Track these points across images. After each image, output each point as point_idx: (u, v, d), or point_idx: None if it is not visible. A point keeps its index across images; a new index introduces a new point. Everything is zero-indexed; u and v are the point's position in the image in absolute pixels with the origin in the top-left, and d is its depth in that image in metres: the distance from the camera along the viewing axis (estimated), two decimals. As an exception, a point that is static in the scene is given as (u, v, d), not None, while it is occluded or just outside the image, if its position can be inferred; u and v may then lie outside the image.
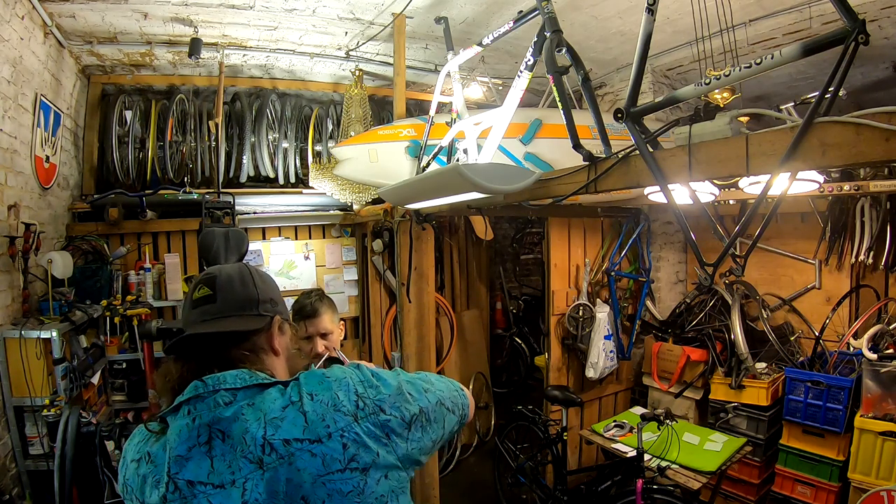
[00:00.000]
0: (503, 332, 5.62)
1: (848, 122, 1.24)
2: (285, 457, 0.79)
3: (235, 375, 0.87)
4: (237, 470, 0.78)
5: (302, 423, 0.81)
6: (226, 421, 0.81)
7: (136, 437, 0.91)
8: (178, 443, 0.81)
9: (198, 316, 0.95)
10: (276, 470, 0.78)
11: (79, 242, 3.38)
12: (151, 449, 0.85)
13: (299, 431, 0.80)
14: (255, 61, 3.90)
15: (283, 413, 0.82)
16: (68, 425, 2.40)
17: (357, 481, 0.81)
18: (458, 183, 2.05)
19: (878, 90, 3.67)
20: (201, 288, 0.97)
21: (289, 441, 0.79)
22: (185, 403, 0.84)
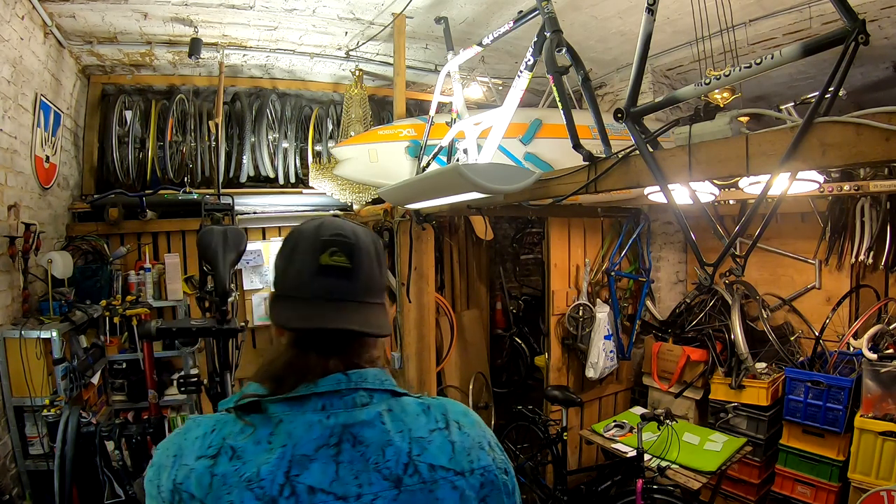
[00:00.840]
0: (503, 332, 5.61)
1: (848, 122, 1.24)
2: (428, 483, 0.71)
3: (375, 375, 0.77)
4: (366, 483, 0.69)
5: (449, 452, 0.74)
6: (360, 425, 0.72)
7: (193, 430, 0.73)
8: (306, 440, 0.70)
9: (327, 290, 0.77)
10: (414, 494, 0.70)
11: (79, 242, 3.38)
12: (237, 443, 0.70)
13: (446, 459, 0.74)
14: (255, 61, 3.90)
15: (431, 436, 0.75)
16: (68, 425, 2.40)
17: None
18: (458, 183, 2.05)
19: (878, 90, 3.67)
20: (336, 253, 0.77)
21: (435, 467, 0.72)
22: (319, 396, 0.72)
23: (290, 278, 0.79)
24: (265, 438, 0.70)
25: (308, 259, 0.77)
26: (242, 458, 0.69)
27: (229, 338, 2.28)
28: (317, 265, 0.76)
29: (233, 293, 2.45)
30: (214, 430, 0.72)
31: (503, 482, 0.78)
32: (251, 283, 4.14)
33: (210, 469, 0.68)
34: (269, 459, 0.68)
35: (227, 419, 0.74)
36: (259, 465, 0.68)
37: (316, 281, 0.77)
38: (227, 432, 0.72)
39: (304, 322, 0.76)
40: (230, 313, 2.35)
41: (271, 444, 0.70)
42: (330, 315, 0.75)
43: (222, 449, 0.70)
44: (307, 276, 0.77)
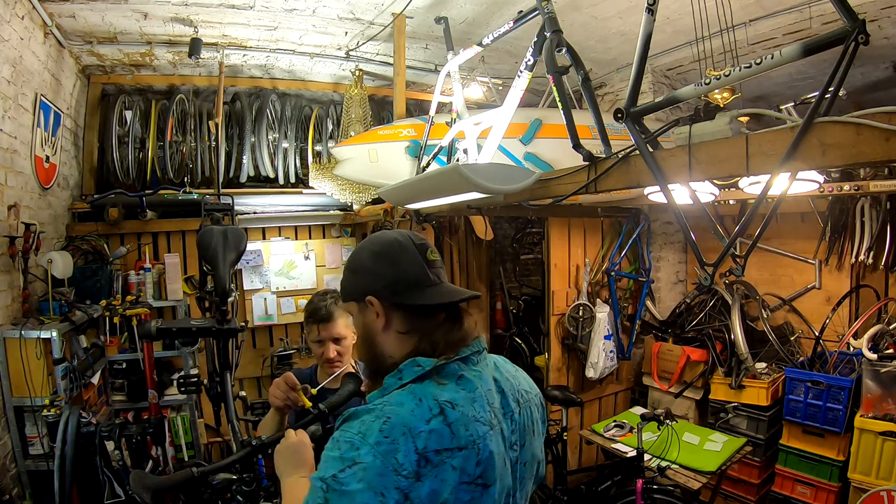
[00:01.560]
0: (503, 332, 5.61)
1: (848, 122, 1.24)
2: (527, 401, 1.06)
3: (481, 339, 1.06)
4: (506, 405, 1.01)
5: (528, 384, 1.11)
6: (492, 370, 1.04)
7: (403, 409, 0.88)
8: (483, 381, 0.98)
9: (437, 276, 1.03)
10: (525, 408, 1.05)
11: (79, 242, 3.38)
12: (447, 397, 0.90)
13: (528, 387, 1.10)
14: (255, 61, 3.90)
15: (517, 374, 1.11)
16: (68, 425, 2.40)
17: (541, 429, 1.10)
18: (458, 183, 2.05)
19: (878, 90, 3.67)
20: (433, 252, 1.05)
21: (527, 391, 1.08)
22: (474, 355, 1.00)
23: (408, 276, 1.00)
24: (459, 389, 0.94)
25: (417, 259, 1.01)
26: (460, 405, 0.90)
27: (229, 338, 2.28)
28: (426, 261, 1.02)
29: (233, 293, 2.45)
30: (421, 399, 0.89)
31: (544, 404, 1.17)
32: (251, 283, 4.15)
33: (444, 422, 0.87)
34: (475, 399, 0.94)
35: (416, 389, 0.92)
36: (471, 403, 0.92)
37: (430, 272, 1.01)
38: (433, 395, 0.90)
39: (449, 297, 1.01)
40: (230, 313, 2.35)
41: (465, 389, 0.94)
42: (455, 291, 1.04)
43: (442, 406, 0.89)
44: (422, 270, 1.01)
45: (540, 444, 1.10)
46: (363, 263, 1.04)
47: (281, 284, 4.22)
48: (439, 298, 1.00)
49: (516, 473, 0.99)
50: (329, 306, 1.73)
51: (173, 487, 1.29)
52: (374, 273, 1.01)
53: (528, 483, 1.06)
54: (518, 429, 1.01)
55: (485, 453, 0.89)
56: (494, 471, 0.91)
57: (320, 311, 1.72)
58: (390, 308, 0.99)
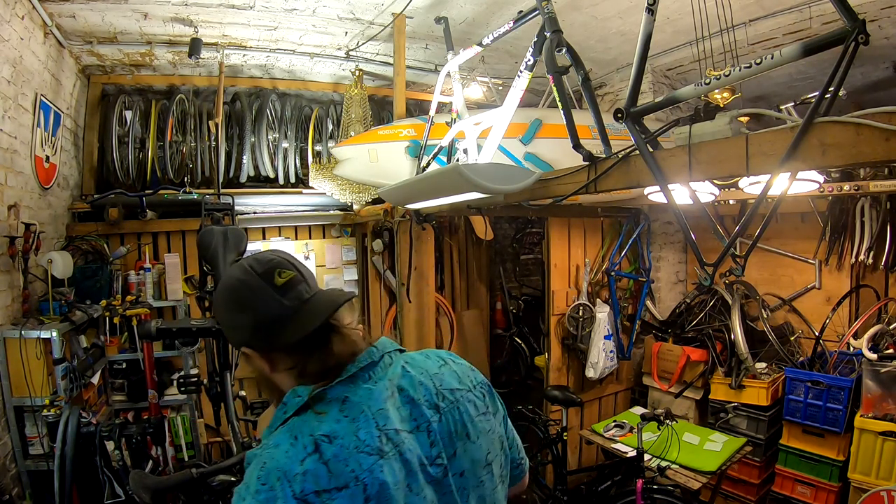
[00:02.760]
0: (503, 332, 5.61)
1: (848, 122, 1.24)
2: (454, 402, 0.95)
3: (386, 341, 0.99)
4: (419, 416, 0.90)
5: (457, 378, 0.99)
6: (397, 377, 0.93)
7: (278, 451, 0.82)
8: (374, 400, 0.88)
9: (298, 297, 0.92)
10: (450, 412, 0.93)
11: (79, 242, 3.38)
12: (325, 430, 0.83)
13: (457, 382, 0.98)
14: (255, 61, 3.90)
15: (441, 370, 0.99)
16: (68, 425, 2.40)
17: (491, 423, 1.00)
18: (458, 183, 2.05)
19: (878, 90, 3.67)
20: (283, 272, 0.93)
21: (454, 389, 0.97)
22: (362, 371, 0.91)
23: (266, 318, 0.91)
24: (341, 416, 0.85)
25: (267, 294, 0.91)
26: (339, 437, 0.82)
27: (229, 338, 2.28)
28: (276, 289, 0.91)
29: (233, 293, 2.44)
30: (296, 436, 0.83)
31: (492, 389, 1.06)
32: (251, 283, 4.14)
33: (319, 461, 0.80)
34: (359, 426, 0.84)
35: (294, 424, 0.85)
36: (355, 433, 0.83)
37: (286, 300, 0.91)
38: (309, 429, 0.83)
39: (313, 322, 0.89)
40: (230, 313, 2.34)
41: (348, 416, 0.85)
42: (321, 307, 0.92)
43: (317, 441, 0.81)
44: (276, 304, 0.91)
45: (487, 442, 0.97)
46: (223, 319, 0.97)
47: (281, 284, 4.21)
48: (301, 330, 0.89)
49: (448, 488, 0.89)
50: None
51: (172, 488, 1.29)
52: (235, 326, 0.94)
53: (484, 490, 0.95)
54: (441, 439, 0.90)
55: (373, 488, 0.80)
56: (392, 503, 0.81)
57: None
58: (266, 352, 0.93)
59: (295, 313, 0.91)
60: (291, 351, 0.91)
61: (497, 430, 1.02)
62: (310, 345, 0.90)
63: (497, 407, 1.04)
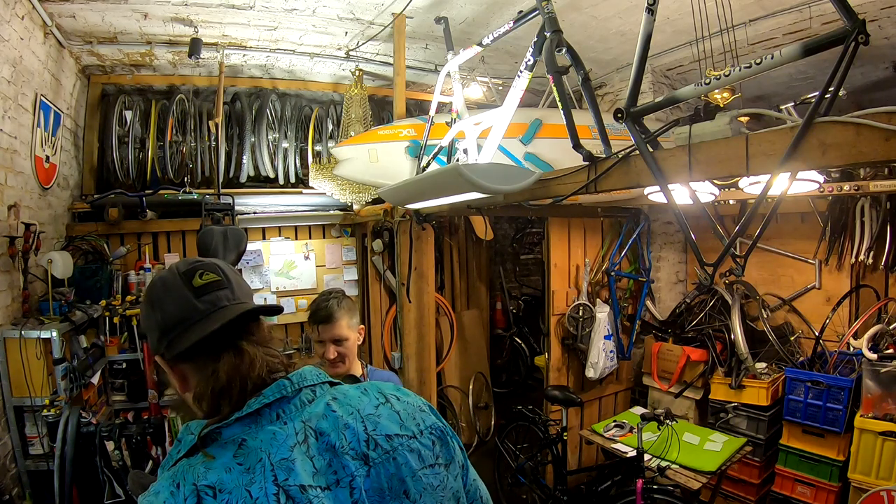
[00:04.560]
0: (503, 332, 5.62)
1: (848, 122, 1.24)
2: (389, 451, 0.78)
3: (311, 371, 0.83)
4: (340, 468, 0.74)
5: (398, 420, 0.82)
6: (316, 418, 0.77)
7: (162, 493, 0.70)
8: (277, 447, 0.72)
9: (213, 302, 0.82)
10: (382, 465, 0.77)
11: (79, 242, 3.38)
12: (210, 480, 0.69)
13: (397, 427, 0.81)
14: (255, 61, 3.90)
15: (378, 411, 0.81)
16: (68, 425, 2.40)
17: (442, 476, 0.83)
18: (458, 183, 2.05)
19: (878, 90, 3.67)
20: (203, 272, 0.84)
21: (391, 437, 0.79)
22: (269, 407, 0.76)
23: (172, 318, 0.81)
24: (233, 464, 0.71)
25: (181, 294, 0.82)
26: (225, 489, 0.68)
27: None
28: (192, 289, 0.82)
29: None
30: (179, 484, 0.70)
31: (449, 433, 0.87)
32: (251, 283, 4.14)
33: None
34: (253, 478, 0.69)
35: (181, 469, 0.72)
36: (246, 487, 0.69)
37: (199, 304, 0.81)
38: (193, 477, 0.70)
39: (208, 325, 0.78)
40: (230, 313, 2.35)
41: (243, 464, 0.70)
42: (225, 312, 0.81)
43: (199, 494, 0.68)
44: (187, 304, 0.81)
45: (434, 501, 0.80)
46: (143, 321, 0.88)
47: (281, 284, 4.22)
48: (201, 331, 0.78)
49: None
50: (330, 307, 1.72)
51: None
52: (149, 327, 0.85)
53: None
54: (369, 497, 0.74)
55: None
56: None
57: (320, 312, 1.72)
58: (175, 363, 0.82)
59: (204, 318, 0.80)
60: (198, 363, 0.80)
61: (450, 484, 0.84)
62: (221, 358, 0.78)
63: (451, 456, 0.86)
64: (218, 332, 0.78)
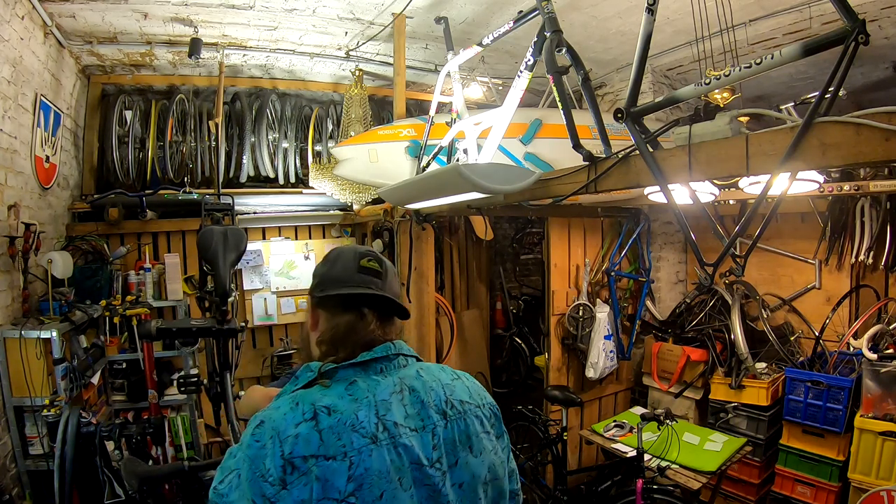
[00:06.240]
0: (503, 332, 5.61)
1: (848, 122, 1.24)
2: (462, 413, 0.97)
3: (406, 346, 1.03)
4: (426, 417, 0.93)
5: (468, 392, 1.02)
6: (410, 378, 0.97)
7: (278, 412, 0.86)
8: (380, 390, 0.92)
9: (367, 282, 1.01)
10: (455, 421, 0.95)
11: (79, 242, 3.38)
12: (326, 402, 0.87)
13: (468, 396, 1.01)
14: (255, 61, 3.90)
15: (454, 383, 1.02)
16: (68, 425, 2.40)
17: (493, 443, 1.00)
18: (458, 183, 2.05)
19: (878, 90, 3.67)
20: (371, 260, 1.04)
21: (463, 402, 0.99)
22: (376, 361, 0.95)
23: (335, 275, 1.03)
24: (345, 394, 0.89)
25: (351, 264, 1.03)
26: (339, 411, 0.86)
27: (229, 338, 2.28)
28: (357, 265, 1.02)
29: (233, 293, 2.45)
30: (298, 403, 0.87)
31: (499, 415, 1.07)
32: (251, 283, 4.15)
33: (314, 428, 0.83)
34: (360, 407, 0.88)
35: (301, 394, 0.90)
36: (355, 412, 0.87)
37: (358, 276, 1.01)
38: (312, 399, 0.88)
39: (353, 289, 0.99)
40: (230, 313, 2.35)
41: (353, 396, 0.89)
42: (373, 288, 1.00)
43: (317, 410, 0.86)
44: (350, 273, 1.02)
45: (488, 461, 0.97)
46: (316, 269, 1.09)
47: (281, 284, 4.22)
48: (344, 289, 0.99)
49: (444, 498, 0.89)
50: None
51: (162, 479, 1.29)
52: (315, 274, 1.07)
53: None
54: (445, 444, 0.92)
55: (359, 469, 0.82)
56: (373, 490, 0.82)
57: None
58: (316, 306, 1.04)
59: (353, 285, 1.00)
60: (332, 312, 1.00)
61: (500, 453, 1.02)
62: (348, 316, 0.98)
63: (502, 431, 1.05)
64: (353, 296, 0.99)
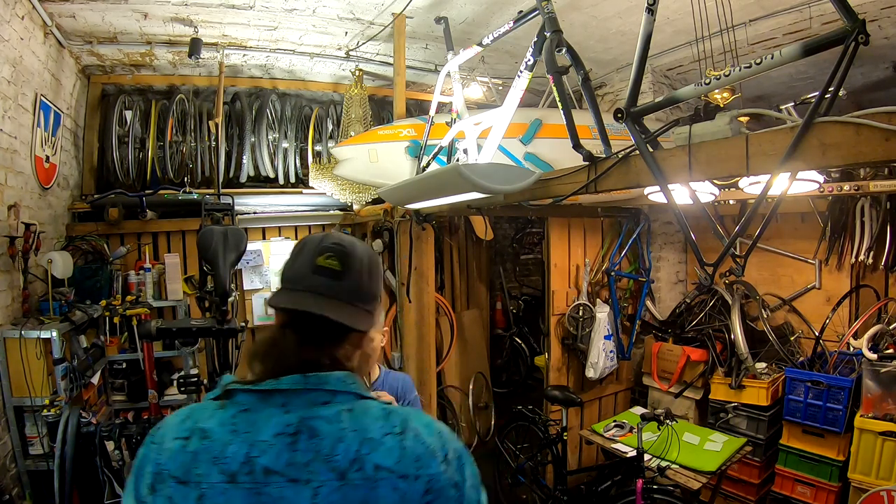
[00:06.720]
0: (503, 332, 5.62)
1: (848, 122, 1.24)
2: (370, 480, 0.76)
3: (339, 379, 0.83)
4: (315, 472, 0.76)
5: (397, 456, 0.78)
6: (319, 419, 0.79)
7: (174, 418, 0.83)
8: (267, 428, 0.78)
9: (317, 286, 0.87)
10: (357, 489, 0.75)
11: (79, 242, 3.38)
12: (205, 425, 0.79)
13: (392, 462, 0.77)
14: (255, 61, 3.90)
15: (383, 438, 0.79)
16: (68, 425, 2.40)
17: None
18: (458, 183, 2.05)
19: (878, 90, 3.67)
20: (331, 257, 0.88)
21: (380, 467, 0.77)
22: (280, 393, 0.81)
23: (291, 273, 0.91)
24: (229, 422, 0.79)
25: (308, 260, 0.90)
26: (211, 439, 0.78)
27: (229, 338, 2.29)
28: (313, 265, 0.89)
29: (233, 293, 2.45)
30: (189, 416, 0.82)
31: (451, 495, 0.79)
32: (251, 283, 4.14)
33: (184, 448, 0.78)
34: (234, 441, 0.77)
35: (202, 406, 0.84)
36: (226, 444, 0.77)
37: (310, 278, 0.88)
38: (199, 416, 0.81)
39: (288, 304, 0.87)
40: (230, 313, 2.35)
41: (235, 427, 0.79)
42: (311, 303, 0.85)
43: (194, 431, 0.79)
44: (304, 272, 0.89)
45: None
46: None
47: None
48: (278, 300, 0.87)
49: None
50: None
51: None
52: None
53: None
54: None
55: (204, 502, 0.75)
56: None
57: None
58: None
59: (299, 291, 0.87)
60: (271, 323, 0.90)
61: None
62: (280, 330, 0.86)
63: None
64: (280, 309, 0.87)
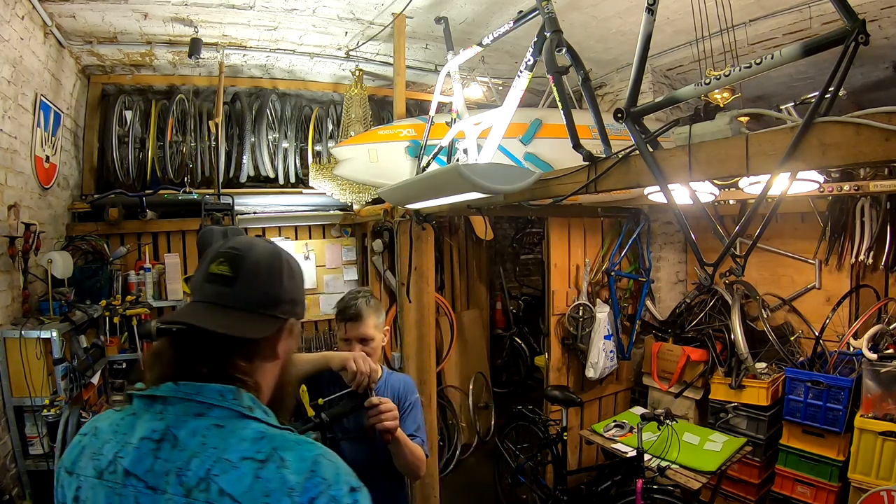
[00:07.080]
0: (503, 332, 5.62)
1: (848, 122, 1.24)
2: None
3: (216, 391, 0.79)
4: (169, 483, 0.73)
5: (247, 485, 0.71)
6: (185, 433, 0.76)
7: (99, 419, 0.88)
8: (135, 430, 0.79)
9: (208, 295, 0.84)
10: None
11: (79, 242, 3.38)
12: (99, 424, 0.85)
13: (238, 491, 0.71)
14: (255, 61, 3.90)
15: (240, 463, 0.73)
16: (68, 425, 2.40)
17: None
18: (458, 183, 2.04)
19: (878, 90, 3.67)
20: (221, 263, 0.85)
21: (224, 493, 0.71)
22: (159, 400, 0.80)
23: (191, 284, 0.92)
24: (117, 423, 0.83)
25: (204, 268, 0.88)
26: (97, 436, 0.83)
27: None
28: (207, 273, 0.86)
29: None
30: (99, 417, 0.87)
31: None
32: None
33: (80, 441, 0.84)
34: (112, 440, 0.80)
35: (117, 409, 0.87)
36: (104, 443, 0.81)
37: (204, 287, 0.86)
38: (103, 417, 0.86)
39: (171, 317, 0.89)
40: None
41: (118, 428, 0.82)
42: (195, 315, 0.83)
43: (91, 429, 0.85)
44: (199, 282, 0.88)
45: None
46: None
47: (281, 284, 4.21)
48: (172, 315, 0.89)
49: None
50: (358, 306, 1.72)
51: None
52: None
53: None
54: None
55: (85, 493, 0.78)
56: None
57: (349, 310, 1.72)
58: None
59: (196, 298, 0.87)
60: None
61: None
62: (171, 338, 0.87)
63: None
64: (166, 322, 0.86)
